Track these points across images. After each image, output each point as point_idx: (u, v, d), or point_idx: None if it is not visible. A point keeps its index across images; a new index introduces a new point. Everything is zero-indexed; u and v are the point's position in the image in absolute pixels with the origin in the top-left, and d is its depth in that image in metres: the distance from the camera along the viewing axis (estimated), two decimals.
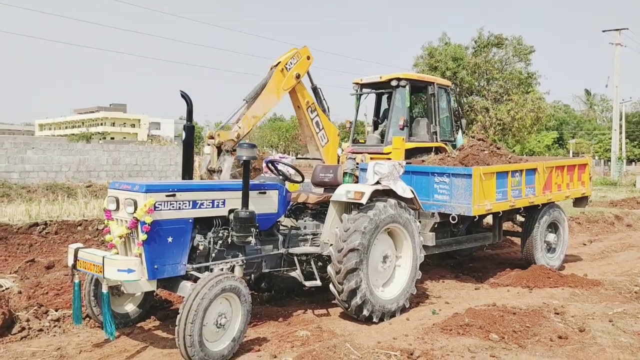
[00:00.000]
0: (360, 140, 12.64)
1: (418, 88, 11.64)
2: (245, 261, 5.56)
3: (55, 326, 5.49)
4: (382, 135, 11.88)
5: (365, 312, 5.93)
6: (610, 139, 57.89)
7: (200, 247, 5.23)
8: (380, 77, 11.92)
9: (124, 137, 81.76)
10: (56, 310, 5.86)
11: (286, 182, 6.34)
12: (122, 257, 4.72)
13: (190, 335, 4.45)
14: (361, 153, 10.91)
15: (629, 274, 8.82)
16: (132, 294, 5.64)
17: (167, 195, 4.91)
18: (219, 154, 7.16)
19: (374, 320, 6.02)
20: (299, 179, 6.43)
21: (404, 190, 6.37)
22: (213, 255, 5.36)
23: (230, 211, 5.43)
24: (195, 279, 5.18)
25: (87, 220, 11.27)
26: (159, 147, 19.86)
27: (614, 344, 5.29)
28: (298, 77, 8.36)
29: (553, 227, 8.91)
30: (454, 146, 11.96)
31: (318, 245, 6.38)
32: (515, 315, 5.92)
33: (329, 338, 5.50)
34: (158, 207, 4.82)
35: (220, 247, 5.40)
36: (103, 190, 16.61)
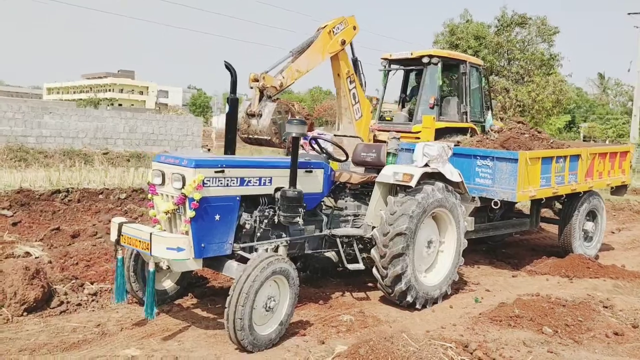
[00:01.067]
0: (386, 118, 12.32)
1: (449, 66, 11.24)
2: (289, 242, 5.35)
3: (92, 300, 5.31)
4: (410, 113, 11.55)
5: (409, 299, 5.73)
6: (624, 124, 57.01)
7: (247, 226, 5.00)
8: (411, 54, 11.53)
9: (132, 104, 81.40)
10: (92, 284, 5.68)
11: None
12: (172, 235, 4.50)
13: (240, 319, 4.26)
14: (388, 131, 10.59)
15: None
16: (169, 270, 5.44)
17: (216, 171, 4.67)
18: (260, 98, 6.84)
19: (417, 306, 5.83)
20: (343, 157, 6.17)
21: (452, 173, 6.11)
22: (258, 234, 5.14)
23: (277, 189, 5.20)
24: (239, 259, 4.99)
25: (108, 189, 11.11)
26: (176, 117, 19.53)
27: None
28: (343, 43, 8.05)
29: (591, 215, 8.66)
30: (483, 127, 11.67)
31: (359, 227, 6.16)
32: (565, 307, 5.72)
33: (373, 324, 5.34)
34: (207, 184, 4.59)
35: (266, 226, 5.18)
36: (120, 158, 16.44)
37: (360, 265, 5.82)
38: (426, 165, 5.89)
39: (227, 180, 4.77)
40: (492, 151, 7.21)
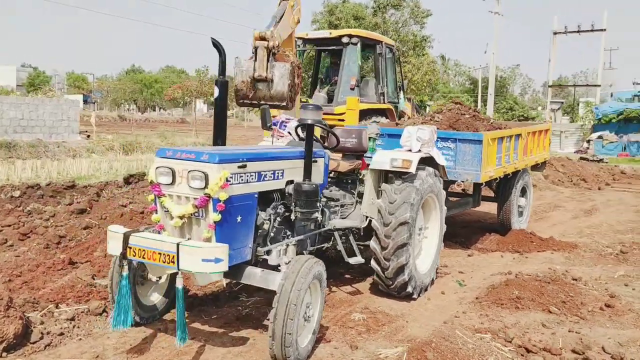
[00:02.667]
0: (302, 100, 11.97)
1: (365, 46, 11.19)
2: (297, 241, 4.86)
3: (74, 327, 4.39)
4: (329, 94, 11.35)
5: (409, 289, 5.55)
6: (467, 100, 62.23)
7: (265, 226, 4.45)
8: (330, 33, 11.31)
9: None
10: (57, 306, 4.72)
11: None
12: (206, 244, 3.80)
13: (290, 334, 3.76)
14: None
15: (584, 234, 9.35)
16: (155, 282, 4.69)
17: (238, 167, 4.06)
18: (267, 59, 5.98)
19: (414, 296, 5.66)
20: (334, 144, 5.74)
21: (438, 157, 5.99)
22: (271, 235, 4.59)
23: (288, 183, 4.68)
24: (256, 263, 4.42)
25: None
26: (49, 100, 17.21)
27: None
28: (298, 22, 7.56)
29: (523, 191, 9.11)
30: (397, 107, 11.83)
31: (345, 217, 5.84)
32: (551, 284, 5.89)
33: (387, 320, 5.07)
34: (229, 181, 3.96)
35: (279, 225, 4.65)
36: None
37: (360, 259, 5.49)
38: (418, 150, 5.70)
39: (247, 176, 4.17)
40: (455, 133, 7.21)
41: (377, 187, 5.71)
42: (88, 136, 18.15)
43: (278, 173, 4.55)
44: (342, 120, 10.44)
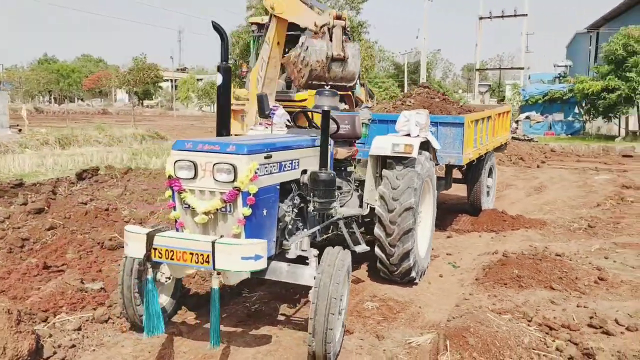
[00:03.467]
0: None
1: None
2: (311, 232, 4.70)
3: (84, 337, 4.03)
4: (287, 81, 11.15)
5: (413, 274, 5.52)
6: (392, 85, 63.44)
7: (286, 219, 4.25)
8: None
9: None
10: (55, 315, 4.32)
11: None
12: (244, 241, 3.56)
13: (331, 329, 3.61)
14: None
15: (545, 211, 9.71)
16: (163, 283, 4.38)
17: (265, 157, 3.84)
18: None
19: (416, 281, 5.64)
20: (333, 130, 5.56)
21: (433, 141, 5.97)
22: (289, 227, 4.40)
23: (302, 172, 4.49)
24: (273, 258, 4.22)
25: None
26: None
27: None
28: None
29: (490, 172, 9.30)
30: (353, 93, 11.79)
31: (343, 205, 5.73)
32: (542, 261, 6.03)
33: (400, 308, 5.03)
34: (257, 173, 3.73)
35: (296, 217, 4.47)
36: None
37: (366, 247, 5.38)
38: (417, 135, 5.64)
39: (271, 167, 3.96)
40: (436, 116, 7.21)
41: (375, 174, 5.62)
42: (20, 130, 16.92)
43: (295, 163, 4.36)
44: (304, 107, 10.27)
